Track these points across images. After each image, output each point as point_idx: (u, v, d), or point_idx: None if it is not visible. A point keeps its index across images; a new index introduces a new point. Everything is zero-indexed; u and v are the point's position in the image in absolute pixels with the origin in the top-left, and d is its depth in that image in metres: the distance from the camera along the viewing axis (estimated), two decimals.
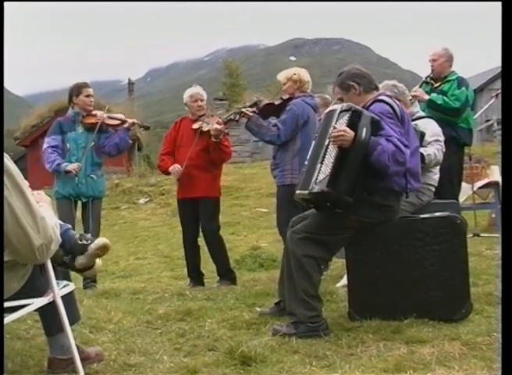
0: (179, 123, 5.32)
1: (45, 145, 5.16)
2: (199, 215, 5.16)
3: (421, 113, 4.70)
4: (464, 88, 5.53)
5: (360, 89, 3.50)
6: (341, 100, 3.56)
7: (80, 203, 5.20)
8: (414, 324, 3.23)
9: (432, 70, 5.74)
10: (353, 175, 3.20)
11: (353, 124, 3.21)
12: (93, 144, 5.13)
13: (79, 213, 5.26)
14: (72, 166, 5.00)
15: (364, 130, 3.19)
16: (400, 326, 3.20)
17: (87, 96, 5.15)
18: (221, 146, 5.05)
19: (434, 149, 4.38)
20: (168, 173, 5.27)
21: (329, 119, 3.38)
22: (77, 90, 5.17)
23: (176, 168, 5.10)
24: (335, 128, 3.23)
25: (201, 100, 5.19)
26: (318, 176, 3.25)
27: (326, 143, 3.29)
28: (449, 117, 5.40)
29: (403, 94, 4.43)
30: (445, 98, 5.45)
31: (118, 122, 5.21)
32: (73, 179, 5.05)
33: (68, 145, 5.11)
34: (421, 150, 4.22)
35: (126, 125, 5.20)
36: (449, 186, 5.26)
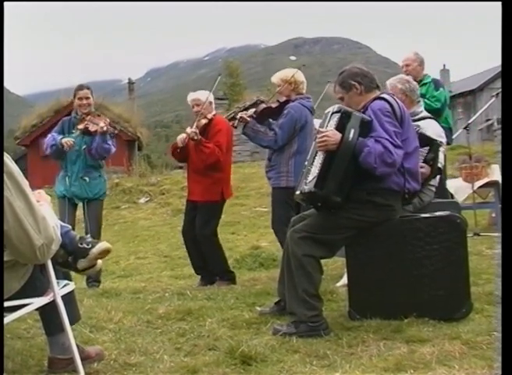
0: None
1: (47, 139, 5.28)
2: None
3: (425, 113, 4.67)
4: (441, 89, 5.83)
5: (361, 88, 3.48)
6: (341, 99, 3.55)
7: (80, 204, 5.27)
8: (414, 323, 3.23)
9: (407, 76, 5.93)
10: (341, 175, 3.25)
11: (342, 125, 3.26)
12: (85, 147, 5.20)
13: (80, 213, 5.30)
14: (66, 140, 5.08)
15: (352, 131, 3.23)
16: (400, 326, 3.20)
17: (80, 99, 5.24)
18: (201, 146, 4.99)
19: (440, 154, 4.37)
20: (182, 153, 5.19)
21: (323, 122, 3.43)
22: (74, 92, 5.31)
23: (179, 136, 5.15)
24: (320, 132, 3.27)
25: (197, 105, 5.19)
26: (308, 176, 3.32)
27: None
28: None
29: (412, 91, 4.43)
30: (426, 101, 5.59)
31: (95, 128, 5.18)
32: (65, 179, 5.19)
33: None
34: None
35: (98, 131, 5.14)
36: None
